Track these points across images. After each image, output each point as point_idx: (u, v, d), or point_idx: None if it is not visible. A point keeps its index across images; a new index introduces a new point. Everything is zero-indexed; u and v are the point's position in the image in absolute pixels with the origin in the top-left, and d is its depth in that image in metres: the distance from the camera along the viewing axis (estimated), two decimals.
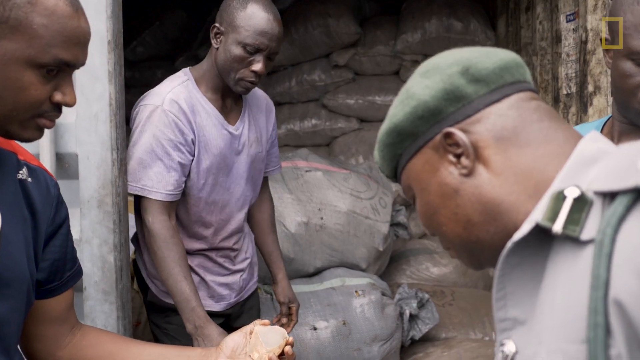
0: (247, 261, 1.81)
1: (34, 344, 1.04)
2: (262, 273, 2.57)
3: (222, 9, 1.58)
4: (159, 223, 1.54)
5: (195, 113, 1.60)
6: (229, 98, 1.68)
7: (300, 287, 2.47)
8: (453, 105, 0.69)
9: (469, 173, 0.68)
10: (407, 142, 0.73)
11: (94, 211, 1.55)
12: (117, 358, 1.06)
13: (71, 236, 1.03)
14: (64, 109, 1.00)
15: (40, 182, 0.95)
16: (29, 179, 0.93)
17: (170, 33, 3.91)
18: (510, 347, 0.66)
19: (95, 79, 1.49)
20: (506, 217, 0.67)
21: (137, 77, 3.82)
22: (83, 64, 0.86)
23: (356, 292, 2.49)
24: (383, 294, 2.57)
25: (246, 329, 1.13)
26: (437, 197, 0.71)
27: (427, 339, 2.86)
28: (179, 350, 1.12)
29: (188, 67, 1.71)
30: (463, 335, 2.90)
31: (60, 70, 0.83)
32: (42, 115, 0.84)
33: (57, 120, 1.54)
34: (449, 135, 0.69)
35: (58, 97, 0.84)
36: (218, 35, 1.58)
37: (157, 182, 1.55)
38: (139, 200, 1.60)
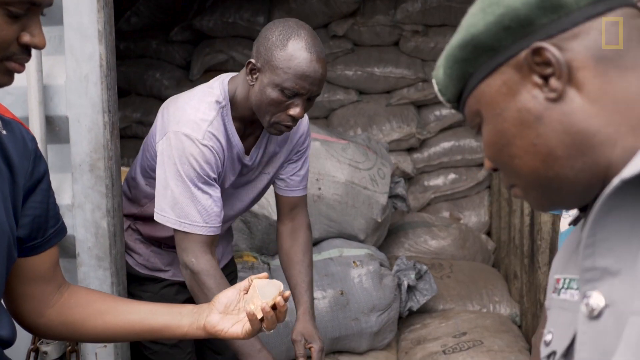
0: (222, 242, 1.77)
1: (22, 304, 1.02)
2: (259, 243, 2.55)
3: (259, 42, 1.41)
4: (205, 263, 1.43)
5: (227, 151, 1.49)
6: (252, 125, 1.54)
7: None
8: (547, 16, 0.59)
9: (558, 98, 0.59)
10: (483, 58, 0.63)
11: (85, 176, 1.51)
12: (106, 316, 1.05)
13: (52, 193, 1.00)
14: (57, 70, 0.97)
15: (15, 135, 0.92)
16: (4, 132, 0.90)
17: (164, 2, 3.83)
18: (597, 300, 0.58)
19: (84, 39, 1.45)
20: (599, 152, 0.58)
21: (131, 47, 3.76)
22: (50, 3, 0.82)
23: (354, 262, 2.47)
24: (381, 265, 2.55)
25: (240, 285, 1.12)
26: (513, 125, 0.62)
27: (424, 311, 2.86)
28: (169, 307, 1.10)
29: (224, 79, 1.52)
30: (461, 307, 2.90)
31: (27, 10, 0.79)
32: (10, 58, 0.81)
33: (46, 82, 1.51)
34: (538, 51, 0.59)
35: (26, 38, 0.81)
36: (254, 72, 1.41)
37: (200, 216, 1.43)
38: (176, 236, 1.48)
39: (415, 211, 3.64)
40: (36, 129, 1.46)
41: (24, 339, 1.55)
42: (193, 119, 1.44)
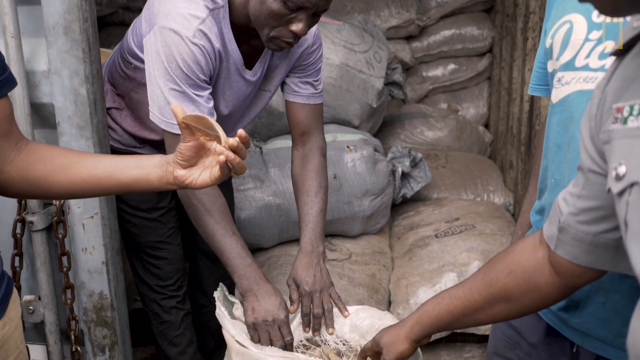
0: None
1: None
2: (250, 126, 2.49)
3: None
4: None
5: (223, 59, 1.35)
6: (254, 36, 1.40)
7: (288, 142, 2.40)
8: None
9: None
10: None
11: (60, 39, 1.42)
12: (69, 171, 1.01)
13: None
14: None
15: None
16: None
17: None
18: None
19: None
20: None
21: None
22: None
23: (348, 147, 2.43)
24: (375, 151, 2.51)
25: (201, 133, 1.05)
26: None
27: (418, 199, 2.86)
28: (138, 160, 1.05)
29: None
30: (455, 195, 2.90)
31: None
32: None
33: None
34: None
35: None
36: None
37: None
38: (165, 137, 1.37)
39: (413, 103, 3.56)
40: None
41: (10, 210, 1.53)
42: (183, 14, 1.30)
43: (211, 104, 1.35)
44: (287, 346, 1.31)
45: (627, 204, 0.61)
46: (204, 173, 1.01)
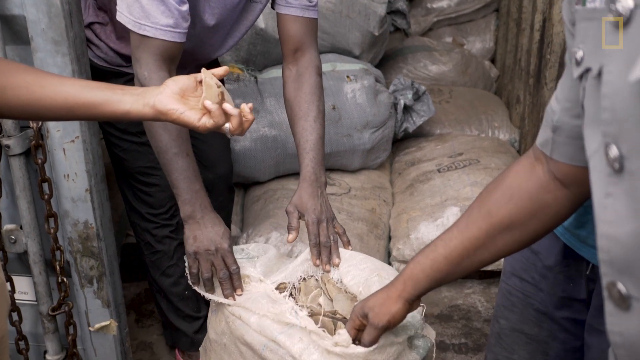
0: None
1: None
2: (244, 55, 2.35)
3: None
4: (159, 81, 1.20)
5: None
6: None
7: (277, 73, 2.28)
8: None
9: None
10: None
11: None
12: (32, 87, 0.92)
13: None
14: None
15: None
16: None
17: None
18: (625, 3, 0.51)
19: None
20: None
21: None
22: None
23: (347, 77, 2.31)
24: (377, 81, 2.39)
25: (195, 75, 0.99)
26: None
27: (420, 135, 2.76)
28: (111, 85, 0.96)
29: None
30: (458, 131, 2.80)
31: None
32: None
33: None
34: None
35: None
36: None
37: (162, 17, 1.18)
38: (132, 42, 1.25)
39: (416, 36, 3.41)
40: None
41: None
42: None
43: (184, 7, 1.23)
44: (233, 276, 1.24)
45: (584, 89, 0.60)
46: (194, 112, 0.95)
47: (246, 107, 0.98)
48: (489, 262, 0.86)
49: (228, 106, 0.96)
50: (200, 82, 0.98)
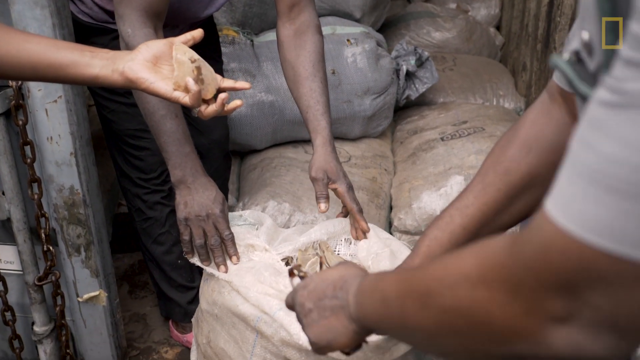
0: None
1: None
2: (240, 17, 2.25)
3: None
4: (143, 38, 1.12)
5: None
6: None
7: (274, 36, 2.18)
8: None
9: None
10: None
11: None
12: None
13: None
14: None
15: None
16: None
17: None
18: None
19: None
20: None
21: None
22: None
23: (348, 40, 2.21)
24: (378, 45, 2.29)
25: (170, 40, 0.93)
26: None
27: (423, 103, 2.67)
28: (80, 50, 0.89)
29: None
30: (462, 99, 2.71)
31: None
32: None
33: None
34: None
35: None
36: None
37: None
38: None
39: (419, 1, 3.30)
40: None
41: None
42: None
43: None
44: (226, 242, 1.17)
45: None
46: (167, 82, 0.90)
47: (223, 96, 0.94)
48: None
49: (190, 81, 0.89)
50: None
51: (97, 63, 0.89)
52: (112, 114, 1.53)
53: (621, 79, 0.37)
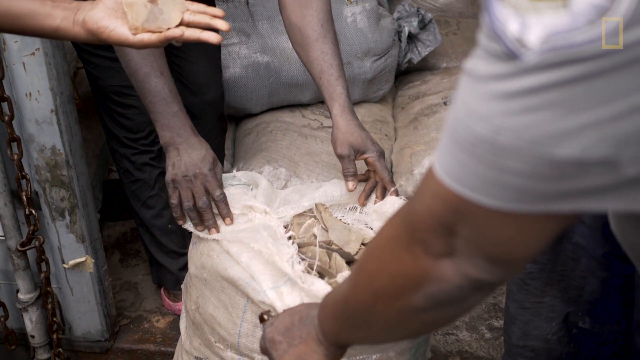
0: None
1: None
2: None
3: None
4: None
5: None
6: None
7: None
8: None
9: None
10: None
11: None
12: None
13: None
14: None
15: None
16: None
17: None
18: None
19: None
20: None
21: None
22: None
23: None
24: (379, 4, 2.19)
25: None
26: None
27: (425, 68, 2.58)
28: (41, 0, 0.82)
29: None
30: None
31: None
32: None
33: None
34: None
35: None
36: None
37: None
38: None
39: None
40: None
41: None
42: None
43: None
44: (218, 203, 1.10)
45: None
46: (123, 27, 0.82)
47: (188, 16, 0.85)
48: None
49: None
50: None
51: (59, 14, 0.81)
52: (96, 70, 1.45)
53: (472, 54, 0.46)
